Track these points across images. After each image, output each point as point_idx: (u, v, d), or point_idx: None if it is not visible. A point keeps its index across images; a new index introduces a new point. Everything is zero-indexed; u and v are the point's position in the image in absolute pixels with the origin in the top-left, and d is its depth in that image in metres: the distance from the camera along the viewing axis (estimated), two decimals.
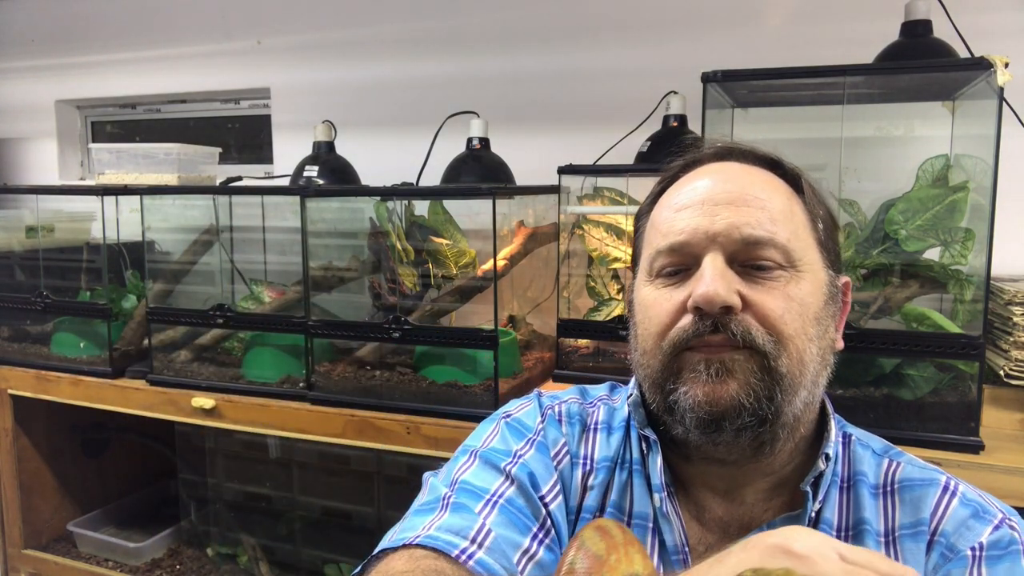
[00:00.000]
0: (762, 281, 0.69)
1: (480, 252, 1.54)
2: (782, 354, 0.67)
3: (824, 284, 0.72)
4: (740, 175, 0.75)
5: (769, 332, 0.67)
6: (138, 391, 1.61)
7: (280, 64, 2.11)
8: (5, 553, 1.86)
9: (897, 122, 1.34)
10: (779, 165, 0.77)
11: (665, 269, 0.73)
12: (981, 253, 1.08)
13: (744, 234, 0.69)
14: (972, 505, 0.69)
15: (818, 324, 0.70)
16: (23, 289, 1.84)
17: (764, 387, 0.67)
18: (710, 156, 0.78)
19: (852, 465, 0.74)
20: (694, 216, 0.71)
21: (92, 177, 2.09)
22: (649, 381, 0.74)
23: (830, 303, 0.73)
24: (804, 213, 0.74)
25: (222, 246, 1.76)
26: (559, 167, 1.40)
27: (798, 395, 0.69)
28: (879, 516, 0.71)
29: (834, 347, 0.74)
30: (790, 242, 0.70)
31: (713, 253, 0.69)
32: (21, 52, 2.46)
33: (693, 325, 0.68)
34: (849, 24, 1.53)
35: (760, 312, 0.68)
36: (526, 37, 1.84)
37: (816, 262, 0.72)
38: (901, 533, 0.69)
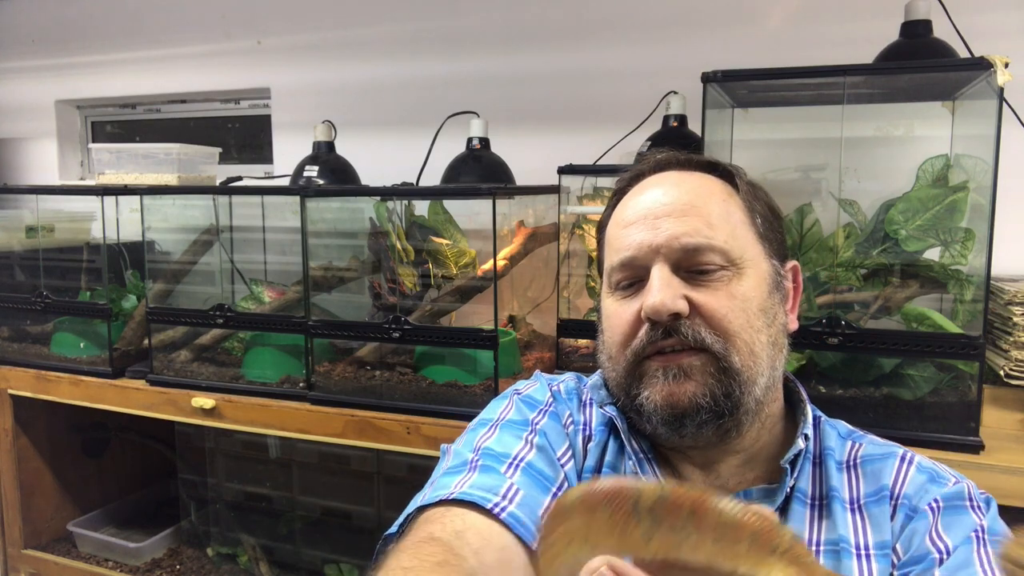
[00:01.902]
0: (706, 284, 0.75)
1: (480, 252, 1.54)
2: (732, 351, 0.74)
3: (767, 274, 0.79)
4: (678, 184, 0.81)
5: (717, 332, 0.74)
6: (138, 391, 1.61)
7: (280, 64, 2.11)
8: (5, 553, 1.86)
9: (897, 122, 1.34)
10: (715, 167, 0.83)
11: (621, 283, 0.80)
12: (981, 253, 1.08)
13: (683, 243, 0.75)
14: (927, 471, 0.76)
15: (764, 315, 0.77)
16: (23, 289, 1.84)
17: (721, 385, 0.73)
18: (650, 168, 0.85)
19: (822, 442, 0.80)
20: (639, 231, 0.78)
21: (92, 177, 2.09)
22: (615, 383, 0.81)
23: (775, 291, 0.79)
24: (742, 210, 0.80)
25: (222, 246, 1.76)
26: (559, 167, 1.40)
27: (756, 384, 0.75)
28: (844, 486, 0.76)
29: (787, 329, 0.81)
30: (727, 243, 0.76)
31: (659, 264, 0.76)
32: (21, 52, 2.46)
33: (648, 334, 0.75)
34: (849, 24, 1.53)
35: (707, 313, 0.74)
36: (526, 37, 1.84)
37: (757, 256, 0.79)
38: (866, 501, 0.75)
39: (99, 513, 1.98)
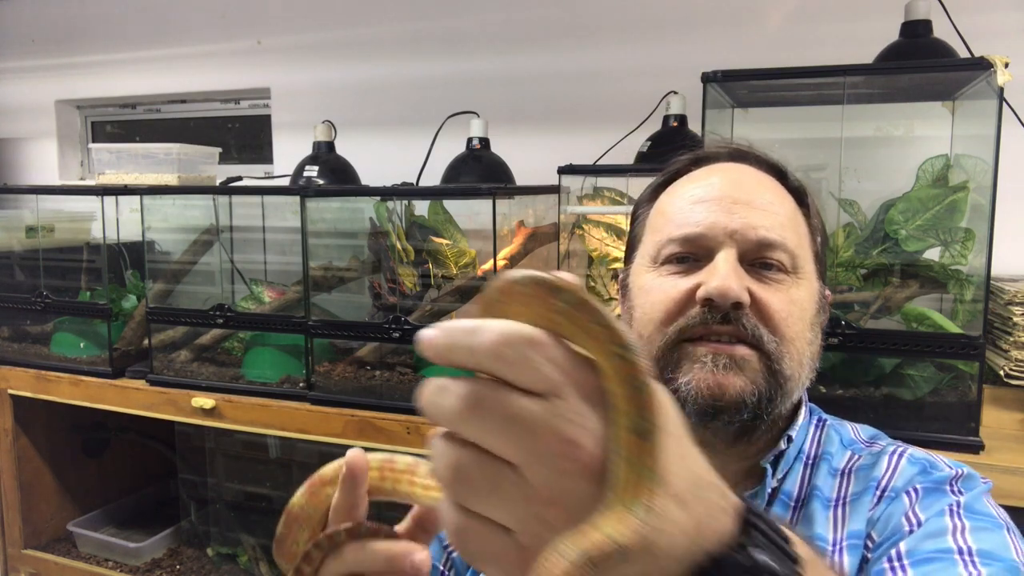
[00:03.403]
0: (768, 281, 0.72)
1: (480, 252, 1.54)
2: (784, 356, 0.70)
3: (817, 293, 0.77)
4: (755, 179, 0.77)
5: (773, 333, 0.70)
6: (138, 391, 1.61)
7: (280, 64, 2.11)
8: (5, 553, 1.86)
9: (897, 122, 1.34)
10: (787, 176, 0.80)
11: (673, 257, 0.74)
12: (981, 253, 1.08)
13: (760, 235, 0.72)
14: (920, 463, 0.72)
15: (812, 329, 0.74)
16: (23, 289, 1.84)
17: (768, 388, 0.69)
18: (726, 155, 0.80)
19: (822, 446, 0.77)
20: (712, 210, 0.73)
21: (92, 177, 2.09)
22: None
23: (821, 312, 0.77)
24: (806, 225, 0.78)
25: (222, 246, 1.76)
26: (559, 167, 1.40)
27: (792, 396, 0.72)
28: (833, 489, 0.73)
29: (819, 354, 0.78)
30: (797, 249, 0.73)
31: (728, 249, 0.71)
32: (21, 52, 2.46)
33: (701, 315, 0.70)
34: (849, 24, 1.53)
35: (766, 312, 0.70)
36: (526, 37, 1.84)
37: (813, 272, 0.76)
38: (852, 498, 0.72)
39: (99, 513, 1.98)
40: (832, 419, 0.81)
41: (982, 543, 0.62)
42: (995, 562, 0.61)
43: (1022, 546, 0.64)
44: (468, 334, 0.33)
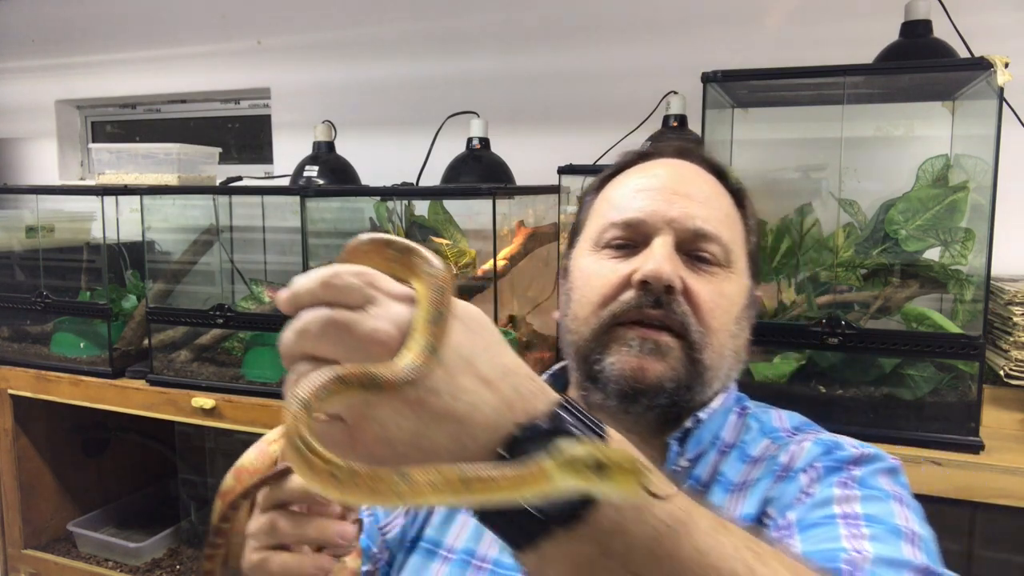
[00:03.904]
0: (701, 272, 0.75)
1: (480, 252, 1.54)
2: (707, 346, 0.73)
3: (747, 290, 0.80)
4: (696, 175, 0.82)
5: (699, 322, 0.73)
6: (138, 391, 1.61)
7: (280, 64, 2.11)
8: (5, 553, 1.86)
9: (897, 122, 1.34)
10: (727, 177, 0.85)
11: (614, 241, 0.78)
12: (981, 253, 1.08)
13: (697, 225, 0.75)
14: (825, 444, 0.73)
15: (738, 323, 0.77)
16: (23, 289, 1.84)
17: (687, 376, 0.73)
18: (671, 152, 0.85)
19: (739, 434, 0.79)
20: (653, 199, 0.77)
21: (92, 177, 2.09)
22: (575, 347, 0.78)
23: (749, 307, 0.80)
24: (742, 225, 0.82)
25: (222, 246, 1.76)
26: (559, 167, 1.40)
27: (711, 386, 0.76)
28: (739, 474, 0.74)
29: (746, 347, 0.82)
30: (731, 243, 0.77)
31: (665, 236, 0.75)
32: (21, 52, 2.46)
33: (635, 299, 0.73)
34: (849, 24, 1.53)
35: (695, 301, 0.73)
36: (526, 37, 1.84)
37: (745, 269, 0.80)
38: (752, 483, 0.73)
39: (99, 513, 1.98)
40: (757, 407, 0.83)
41: (867, 509, 0.64)
42: (877, 524, 0.62)
43: (913, 517, 0.65)
44: (307, 280, 0.41)
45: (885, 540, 0.60)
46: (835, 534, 0.61)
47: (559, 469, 0.36)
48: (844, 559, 0.58)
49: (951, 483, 1.03)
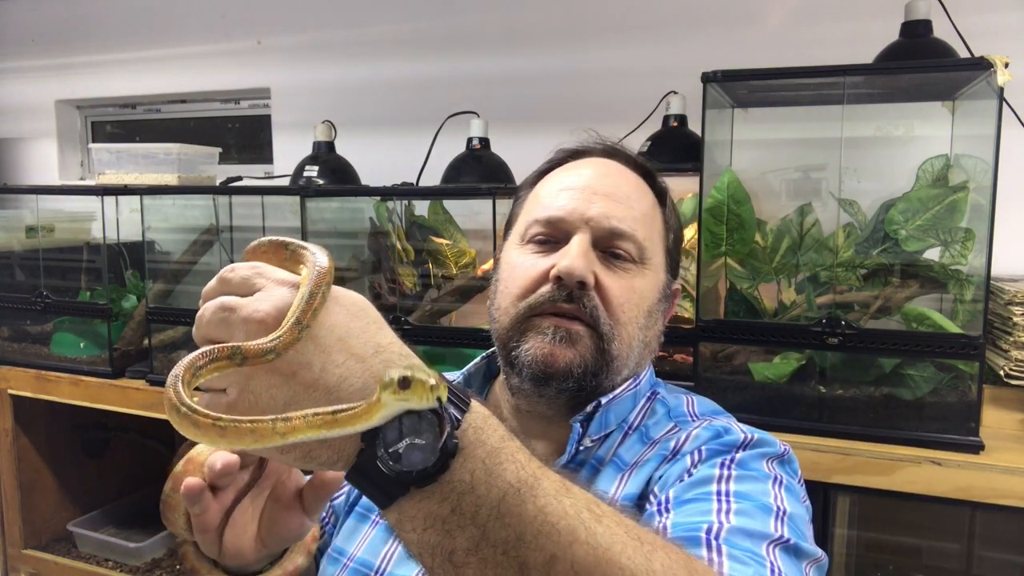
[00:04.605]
0: (614, 268, 0.81)
1: (480, 252, 1.54)
2: (615, 338, 0.79)
3: (662, 284, 0.86)
4: (620, 174, 0.87)
5: (609, 316, 0.79)
6: (138, 391, 1.61)
7: (280, 64, 2.11)
8: (5, 553, 1.86)
9: (897, 122, 1.34)
10: (651, 176, 0.90)
11: (536, 237, 0.83)
12: (981, 253, 1.08)
13: (612, 225, 0.81)
14: (716, 429, 0.77)
15: (649, 316, 0.83)
16: (23, 289, 1.84)
17: (595, 364, 0.78)
18: (599, 151, 0.90)
19: (644, 418, 0.84)
20: (574, 198, 0.83)
21: (92, 177, 2.09)
22: (496, 335, 0.84)
23: (663, 301, 0.87)
24: (662, 222, 0.88)
25: (222, 246, 1.76)
26: None
27: (620, 374, 0.82)
28: (635, 455, 0.79)
29: (659, 338, 0.88)
30: (646, 241, 0.82)
31: (582, 234, 0.80)
32: (21, 52, 2.46)
33: (550, 292, 0.79)
34: (849, 24, 1.53)
35: (606, 296, 0.79)
36: (526, 37, 1.84)
37: (660, 264, 0.86)
38: (642, 464, 0.77)
39: (99, 513, 1.98)
40: (669, 393, 0.88)
41: (741, 488, 0.68)
42: (747, 501, 0.66)
43: (788, 497, 0.69)
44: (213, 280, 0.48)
45: (751, 515, 0.64)
46: (706, 508, 0.65)
47: (383, 390, 0.41)
48: (704, 528, 0.62)
49: (951, 483, 1.03)
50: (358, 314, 0.47)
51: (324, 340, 0.45)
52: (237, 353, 0.43)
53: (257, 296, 0.46)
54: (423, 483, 0.42)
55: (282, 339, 0.43)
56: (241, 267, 0.48)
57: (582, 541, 0.43)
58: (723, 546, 0.60)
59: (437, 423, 0.42)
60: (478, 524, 0.42)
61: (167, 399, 0.42)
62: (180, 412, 0.41)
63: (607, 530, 0.44)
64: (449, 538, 0.43)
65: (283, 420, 0.41)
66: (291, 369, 0.44)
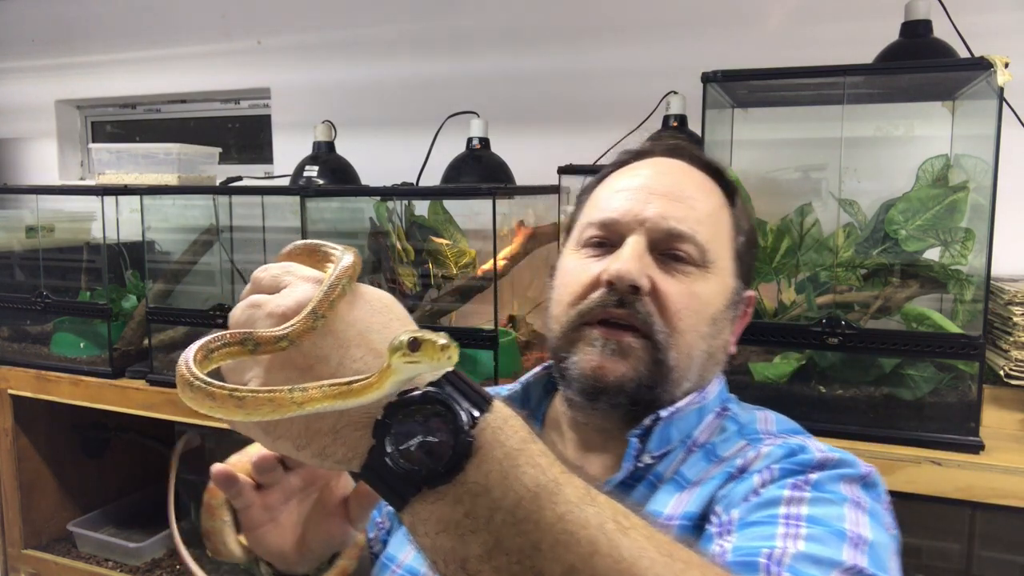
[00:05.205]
0: (673, 272, 0.76)
1: (480, 252, 1.54)
2: (672, 347, 0.74)
3: (730, 290, 0.79)
4: (682, 173, 0.82)
5: (666, 322, 0.73)
6: (138, 391, 1.61)
7: (280, 64, 2.11)
8: (5, 553, 1.86)
9: (897, 122, 1.34)
10: (721, 174, 0.84)
11: (591, 240, 0.79)
12: (981, 253, 1.08)
13: (669, 225, 0.76)
14: (790, 447, 0.71)
15: (713, 324, 0.77)
16: (23, 289, 1.84)
17: (649, 376, 0.73)
18: (661, 150, 0.86)
19: (712, 435, 0.78)
20: (629, 199, 0.78)
21: (92, 177, 2.09)
22: (551, 346, 0.81)
23: (730, 308, 0.80)
24: (730, 223, 0.82)
25: (222, 246, 1.76)
26: (559, 167, 1.40)
27: (680, 387, 0.76)
28: (699, 473, 0.73)
29: (727, 349, 0.82)
30: (708, 243, 0.77)
31: (637, 236, 0.75)
32: (21, 52, 2.46)
33: (601, 298, 0.74)
34: (849, 24, 1.53)
35: (664, 300, 0.74)
36: (526, 37, 1.84)
37: (727, 269, 0.79)
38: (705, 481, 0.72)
39: (99, 513, 1.98)
40: (742, 409, 0.82)
41: (813, 511, 0.62)
42: (819, 526, 0.60)
43: (868, 522, 0.62)
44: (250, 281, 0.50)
45: (822, 540, 0.59)
46: (770, 532, 0.60)
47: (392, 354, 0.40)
48: (764, 552, 0.57)
49: (951, 483, 1.02)
50: (381, 310, 0.47)
51: (344, 334, 0.44)
52: (249, 339, 0.43)
53: (282, 292, 0.47)
54: (434, 483, 0.41)
55: (296, 327, 0.43)
56: (272, 267, 0.49)
57: (604, 553, 0.40)
58: (784, 573, 0.55)
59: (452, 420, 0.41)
60: (492, 530, 0.40)
61: (179, 376, 0.42)
62: (194, 386, 0.41)
63: (633, 543, 0.41)
64: (462, 544, 0.41)
65: (300, 390, 0.41)
66: (308, 363, 0.44)
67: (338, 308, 0.45)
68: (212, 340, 0.43)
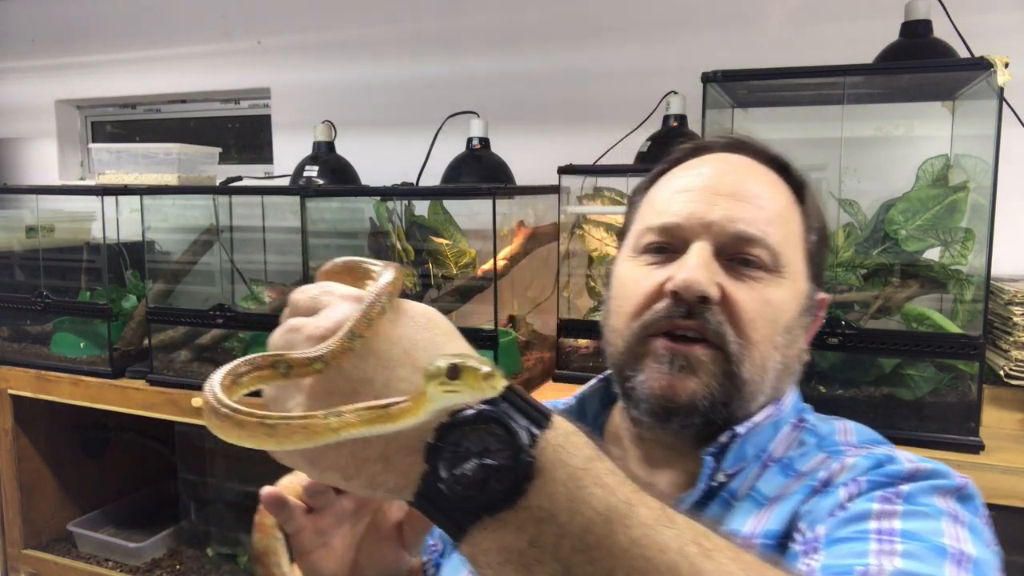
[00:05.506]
0: (744, 278, 0.69)
1: (480, 252, 1.54)
2: (746, 359, 0.68)
3: (803, 295, 0.73)
4: (746, 170, 0.75)
5: (738, 333, 0.68)
6: (138, 391, 1.61)
7: (280, 64, 2.11)
8: (5, 553, 1.86)
9: (897, 122, 1.34)
10: (787, 169, 0.77)
11: (651, 247, 0.73)
12: (981, 253, 1.08)
13: (738, 229, 0.69)
14: (877, 458, 0.65)
15: (788, 333, 0.71)
16: (23, 289, 1.84)
17: (723, 392, 0.67)
18: (721, 146, 0.79)
19: (789, 449, 0.72)
20: (692, 200, 0.71)
21: (92, 177, 2.09)
22: (611, 360, 0.74)
23: (804, 315, 0.73)
24: (800, 222, 0.75)
25: (222, 246, 1.76)
26: (559, 167, 1.40)
27: (755, 401, 0.70)
28: (777, 489, 0.68)
29: (801, 358, 0.75)
30: (780, 246, 0.70)
31: (703, 241, 0.69)
32: (21, 52, 2.46)
33: (667, 309, 0.68)
34: (849, 24, 1.53)
35: (734, 310, 0.68)
36: (526, 37, 1.84)
37: (800, 272, 0.73)
38: (786, 497, 0.67)
39: (99, 513, 1.98)
40: (819, 420, 0.77)
41: (908, 526, 0.57)
42: (915, 541, 0.55)
43: (969, 537, 0.57)
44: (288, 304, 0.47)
45: (921, 557, 0.54)
46: (862, 549, 0.55)
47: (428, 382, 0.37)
48: (858, 571, 0.53)
49: None
50: (426, 325, 0.44)
51: (387, 354, 0.41)
52: (280, 362, 0.41)
53: (321, 313, 0.44)
54: (495, 510, 0.38)
55: (330, 348, 0.40)
56: (310, 288, 0.47)
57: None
58: None
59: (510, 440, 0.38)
60: (560, 559, 0.37)
61: (205, 404, 0.39)
62: (220, 413, 0.38)
63: (718, 567, 0.38)
64: (528, 575, 0.38)
65: (335, 414, 0.38)
66: (351, 387, 0.41)
67: (379, 327, 0.42)
68: (240, 364, 0.41)
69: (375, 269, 0.47)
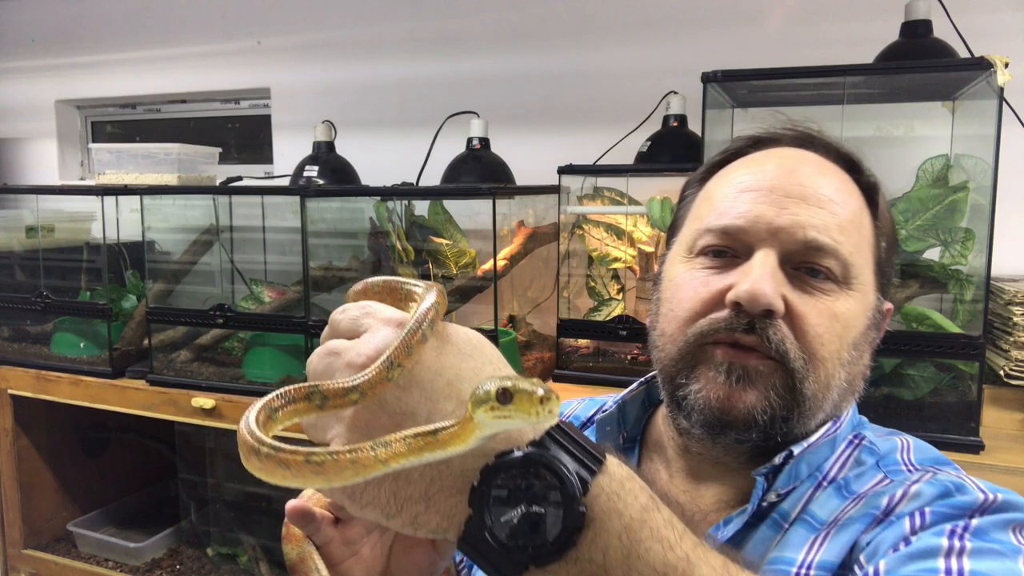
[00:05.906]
0: (811, 291, 0.64)
1: (480, 252, 1.54)
2: (810, 375, 0.63)
3: (871, 308, 0.67)
4: (817, 169, 0.68)
5: (803, 349, 0.62)
6: (138, 391, 1.61)
7: (280, 64, 2.11)
8: (5, 553, 1.86)
9: (897, 122, 1.34)
10: (859, 169, 0.70)
11: (708, 249, 0.67)
12: (981, 253, 1.08)
13: (808, 236, 0.63)
14: (944, 485, 0.59)
15: (854, 349, 0.66)
16: (23, 289, 1.84)
17: (783, 406, 0.62)
18: (789, 139, 0.73)
19: (845, 468, 0.67)
20: (759, 202, 0.65)
21: (92, 177, 2.09)
22: (660, 366, 0.69)
23: (871, 330, 0.68)
24: (872, 229, 0.69)
25: (222, 246, 1.76)
26: (559, 167, 1.40)
27: (815, 418, 0.65)
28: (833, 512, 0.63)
29: (865, 374, 0.70)
30: (852, 256, 0.65)
31: (768, 248, 0.64)
32: (21, 52, 2.46)
33: (727, 320, 0.63)
34: (849, 24, 1.53)
35: (800, 326, 0.63)
36: (526, 37, 1.84)
37: (869, 283, 0.67)
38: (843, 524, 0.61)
39: (99, 513, 1.98)
40: (877, 438, 0.70)
41: (978, 566, 0.51)
42: None
43: None
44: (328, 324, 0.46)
45: None
46: None
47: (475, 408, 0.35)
48: None
49: None
50: (471, 353, 0.42)
51: (431, 385, 0.40)
52: (316, 393, 0.39)
53: (362, 338, 0.42)
54: (543, 561, 0.36)
55: (368, 378, 0.38)
56: (351, 308, 0.44)
57: None
58: None
59: (560, 488, 0.36)
60: None
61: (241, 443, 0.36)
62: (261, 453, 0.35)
63: None
64: None
65: (383, 445, 0.36)
66: (395, 420, 0.39)
67: (420, 355, 0.40)
68: (274, 398, 0.39)
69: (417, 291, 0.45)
